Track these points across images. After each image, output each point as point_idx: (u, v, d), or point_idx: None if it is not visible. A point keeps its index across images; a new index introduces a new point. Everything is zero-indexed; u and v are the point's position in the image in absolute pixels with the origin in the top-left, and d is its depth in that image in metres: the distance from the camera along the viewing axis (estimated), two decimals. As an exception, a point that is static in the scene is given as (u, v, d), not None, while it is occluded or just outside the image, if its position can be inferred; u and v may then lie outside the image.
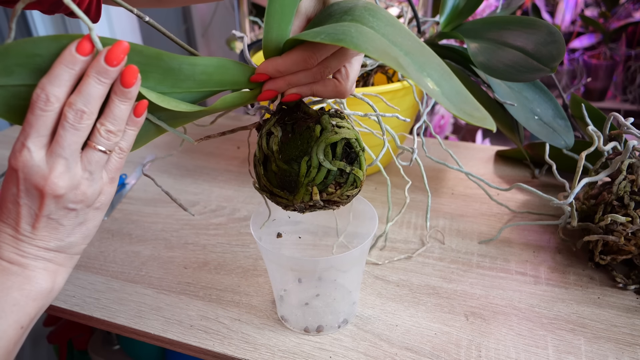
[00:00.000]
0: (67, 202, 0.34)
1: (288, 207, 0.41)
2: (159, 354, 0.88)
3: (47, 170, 0.33)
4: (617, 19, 2.04)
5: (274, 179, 0.39)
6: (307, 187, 0.38)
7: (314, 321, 0.50)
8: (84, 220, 0.37)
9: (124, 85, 0.33)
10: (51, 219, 0.35)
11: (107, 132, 0.34)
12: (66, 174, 0.33)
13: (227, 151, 0.90)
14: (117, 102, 0.33)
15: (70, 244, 0.37)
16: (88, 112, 0.32)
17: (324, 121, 0.38)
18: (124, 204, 0.74)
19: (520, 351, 0.47)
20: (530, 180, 0.77)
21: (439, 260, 0.60)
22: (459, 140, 1.84)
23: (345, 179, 0.39)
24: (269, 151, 0.39)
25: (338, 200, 0.39)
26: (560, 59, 0.56)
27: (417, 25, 0.73)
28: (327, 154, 0.38)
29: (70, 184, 0.34)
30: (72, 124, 0.32)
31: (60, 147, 0.32)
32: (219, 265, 0.60)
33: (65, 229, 0.36)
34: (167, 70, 0.34)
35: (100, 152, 0.34)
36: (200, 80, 0.36)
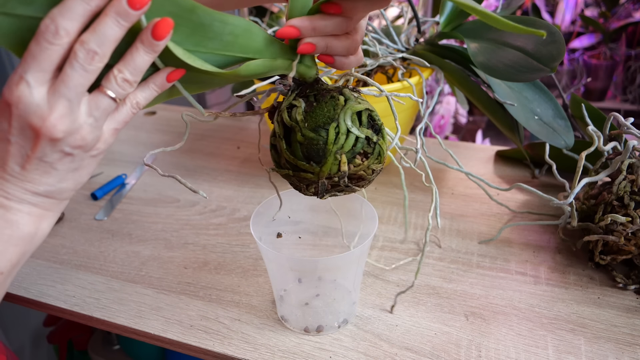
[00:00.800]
0: (64, 146, 0.32)
1: (310, 186, 0.39)
2: (159, 354, 0.88)
3: (47, 110, 0.30)
4: (617, 19, 2.04)
5: (299, 151, 0.37)
6: (335, 156, 0.36)
7: (314, 321, 0.50)
8: (78, 167, 0.34)
9: (154, 37, 0.30)
10: (44, 162, 0.32)
11: (124, 80, 0.32)
12: (68, 116, 0.31)
13: (227, 151, 0.90)
14: (141, 52, 0.31)
15: (60, 190, 0.34)
16: (100, 54, 0.30)
17: (346, 92, 0.38)
18: (124, 204, 0.74)
19: (520, 351, 0.47)
20: (530, 180, 0.77)
21: (439, 260, 0.60)
22: (459, 140, 1.84)
23: (372, 148, 0.38)
24: (292, 122, 0.37)
25: (364, 175, 0.38)
26: (560, 59, 0.56)
27: (417, 25, 0.73)
28: (354, 121, 0.37)
29: (71, 128, 0.31)
30: (82, 64, 0.29)
31: (66, 86, 0.30)
32: (219, 265, 0.60)
33: (58, 174, 0.33)
34: (197, 25, 0.33)
35: (109, 99, 0.32)
36: (226, 41, 0.35)
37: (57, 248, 0.64)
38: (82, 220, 0.70)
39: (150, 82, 0.34)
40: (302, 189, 0.40)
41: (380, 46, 0.71)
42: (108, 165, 0.86)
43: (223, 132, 0.98)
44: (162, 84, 0.34)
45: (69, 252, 0.63)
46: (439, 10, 0.73)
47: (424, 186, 0.75)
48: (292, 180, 0.40)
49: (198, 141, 0.94)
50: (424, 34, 0.76)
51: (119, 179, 0.80)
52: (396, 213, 0.69)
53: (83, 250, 0.63)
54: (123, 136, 0.99)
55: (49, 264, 0.61)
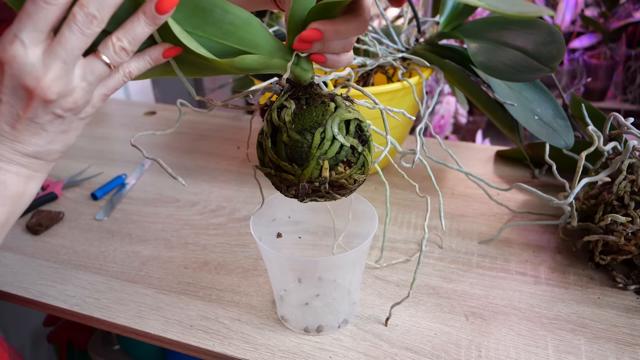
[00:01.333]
0: (56, 108, 0.32)
1: (290, 188, 0.39)
2: (159, 354, 0.88)
3: (42, 70, 0.30)
4: (617, 19, 2.04)
5: (283, 151, 0.38)
6: (318, 160, 0.36)
7: (314, 321, 0.50)
8: (67, 129, 0.34)
9: (158, 10, 0.30)
10: (35, 123, 0.32)
11: (122, 48, 0.32)
12: (62, 79, 0.31)
13: (227, 151, 0.90)
14: (142, 23, 0.31)
15: (49, 151, 0.35)
16: (99, 19, 0.30)
17: (338, 100, 0.38)
18: (124, 204, 0.74)
19: (520, 351, 0.47)
20: (530, 180, 0.77)
21: (439, 260, 0.60)
22: (459, 140, 1.84)
23: (356, 158, 0.38)
24: (280, 122, 0.38)
25: (345, 184, 0.38)
26: (560, 59, 0.56)
27: (417, 25, 0.73)
28: (341, 128, 0.37)
29: (64, 90, 0.31)
30: (80, 27, 0.29)
31: (63, 48, 0.30)
32: (219, 265, 0.60)
33: (47, 135, 0.33)
34: (198, 8, 0.33)
35: (104, 65, 0.32)
36: (225, 30, 0.35)
37: (57, 248, 0.64)
38: (82, 220, 0.70)
39: (146, 54, 0.34)
40: (282, 190, 0.40)
41: (380, 46, 0.71)
42: (108, 165, 0.86)
43: (223, 132, 0.98)
44: (158, 58, 0.34)
45: (69, 252, 0.63)
46: (439, 10, 0.73)
47: (424, 186, 0.75)
48: (273, 180, 0.40)
49: (198, 141, 0.94)
50: (424, 34, 0.76)
51: (119, 179, 0.80)
52: (396, 213, 0.69)
53: (83, 250, 0.63)
54: (123, 136, 0.99)
55: (49, 264, 0.61)
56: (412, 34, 0.77)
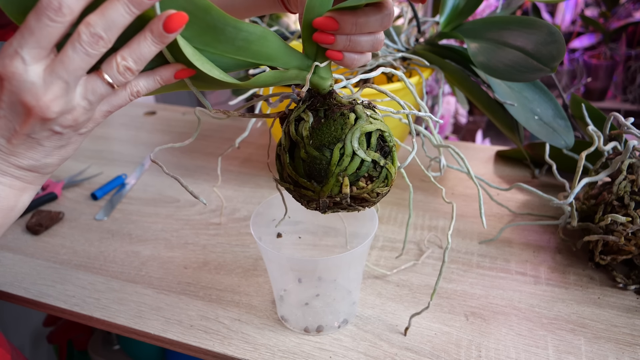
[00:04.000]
0: (54, 126, 0.31)
1: (311, 202, 0.38)
2: (159, 354, 0.88)
3: (42, 89, 0.29)
4: (617, 19, 2.04)
5: (301, 168, 0.36)
6: (337, 178, 0.35)
7: (314, 321, 0.50)
8: (65, 144, 0.34)
9: (165, 29, 0.29)
10: (32, 138, 0.31)
11: (126, 68, 0.30)
12: (62, 98, 0.30)
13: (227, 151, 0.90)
14: (149, 42, 0.30)
15: (45, 165, 0.34)
16: (106, 40, 0.28)
17: (358, 110, 0.36)
18: (124, 204, 0.74)
19: (520, 351, 0.47)
20: (530, 180, 0.77)
21: (439, 260, 0.60)
22: (459, 140, 1.84)
23: (378, 172, 0.36)
24: (297, 137, 0.36)
25: (367, 198, 0.37)
26: (561, 59, 0.56)
27: (417, 25, 0.73)
28: (361, 143, 0.35)
29: (64, 109, 0.30)
30: (85, 48, 0.28)
31: (65, 68, 0.29)
32: (219, 265, 0.60)
33: (44, 150, 0.33)
34: (209, 26, 0.32)
35: (107, 85, 0.31)
36: (238, 46, 0.34)
37: (57, 248, 0.64)
38: (82, 220, 0.70)
39: (157, 74, 0.33)
40: (303, 203, 0.39)
41: (380, 46, 0.71)
42: (108, 165, 0.86)
43: (223, 132, 0.98)
44: (169, 79, 0.33)
45: (69, 252, 0.63)
46: (439, 10, 0.73)
47: (424, 186, 0.75)
48: (293, 194, 0.39)
49: (198, 141, 0.94)
50: (424, 34, 0.76)
51: (119, 179, 0.80)
52: (396, 213, 0.69)
53: (83, 250, 0.63)
54: (123, 136, 0.99)
55: (49, 264, 0.61)
56: (412, 34, 0.77)
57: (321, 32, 0.35)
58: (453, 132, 1.93)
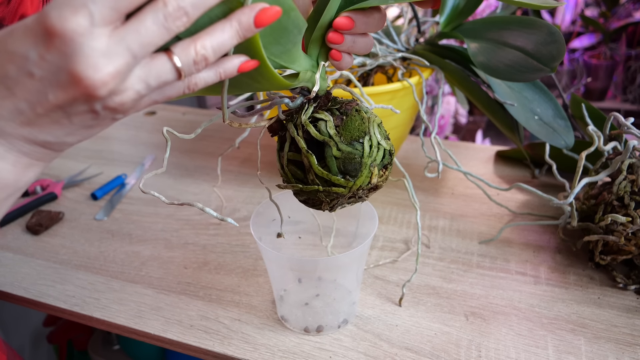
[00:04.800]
0: (96, 104, 0.26)
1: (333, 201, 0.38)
2: (159, 354, 0.88)
3: (103, 60, 0.24)
4: (617, 19, 2.04)
5: (334, 166, 0.37)
6: (370, 169, 0.37)
7: (314, 321, 0.50)
8: (95, 125, 0.28)
9: (256, 23, 0.26)
10: (64, 112, 0.26)
11: (204, 57, 0.27)
12: (122, 74, 0.25)
13: (227, 151, 0.90)
14: (234, 32, 0.27)
15: (62, 143, 0.29)
16: (190, 17, 0.25)
17: (362, 105, 0.39)
18: (124, 204, 0.74)
19: (520, 351, 0.47)
20: (530, 180, 0.77)
21: (439, 260, 0.60)
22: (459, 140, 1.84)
23: (390, 160, 0.39)
24: (324, 137, 0.36)
25: (380, 185, 0.39)
26: (561, 59, 0.56)
27: (417, 25, 0.73)
28: (382, 134, 0.38)
29: (118, 89, 0.25)
30: (166, 19, 0.24)
31: (139, 39, 0.24)
32: (219, 265, 0.60)
33: (69, 127, 0.28)
34: (280, 28, 0.30)
35: (175, 71, 0.27)
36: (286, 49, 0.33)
37: (57, 248, 0.64)
38: (82, 220, 0.70)
39: (220, 66, 0.29)
40: (317, 205, 0.39)
41: (380, 46, 0.71)
42: (108, 165, 0.86)
43: (223, 132, 0.98)
44: (232, 72, 0.29)
45: (69, 252, 0.63)
46: (439, 10, 0.73)
47: (424, 186, 0.75)
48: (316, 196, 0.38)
49: (198, 141, 0.94)
50: (424, 34, 0.76)
51: (119, 179, 0.80)
52: (396, 213, 0.69)
53: (83, 250, 0.63)
54: (123, 136, 0.99)
55: (49, 264, 0.61)
56: (412, 34, 0.77)
57: (336, 32, 0.35)
58: (453, 132, 1.93)
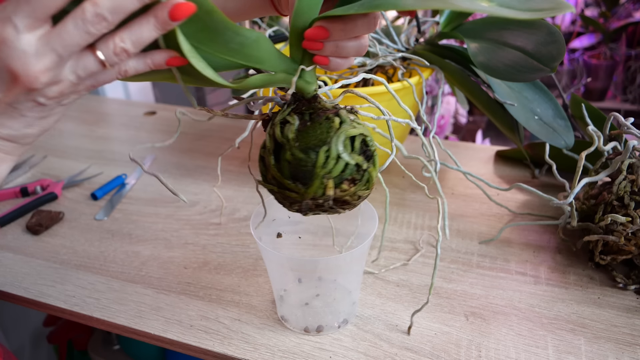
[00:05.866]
0: (39, 97, 0.31)
1: (294, 204, 0.38)
2: (159, 354, 0.88)
3: (33, 59, 0.28)
4: (617, 19, 2.04)
5: (286, 169, 0.37)
6: (322, 180, 0.36)
7: (314, 321, 0.50)
8: (47, 115, 0.33)
9: (171, 17, 0.29)
10: (14, 108, 0.31)
11: (123, 50, 0.30)
12: (52, 70, 0.29)
13: (227, 151, 0.90)
14: (151, 27, 0.29)
15: (24, 135, 0.33)
16: (109, 22, 0.28)
17: (343, 114, 0.37)
18: (124, 204, 0.74)
19: (520, 351, 0.47)
20: (530, 180, 0.77)
21: (439, 260, 0.60)
22: (459, 140, 1.84)
23: (361, 176, 0.37)
24: (283, 139, 0.37)
25: (349, 200, 0.38)
26: (561, 59, 0.56)
27: (417, 25, 0.73)
28: (346, 146, 0.36)
29: (52, 81, 0.30)
30: (87, 26, 0.28)
31: (62, 42, 0.28)
32: (219, 265, 0.60)
33: (25, 120, 0.32)
34: (209, 28, 0.32)
35: (99, 63, 0.30)
36: (231, 48, 0.34)
37: (57, 248, 0.64)
38: (82, 220, 0.70)
39: (148, 57, 0.32)
40: (285, 205, 0.39)
41: (380, 46, 0.71)
42: (108, 165, 0.86)
43: (223, 132, 0.98)
44: (160, 64, 0.32)
45: (69, 252, 0.63)
46: (439, 10, 0.73)
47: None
48: (276, 196, 0.39)
49: (198, 141, 0.94)
50: (424, 34, 0.76)
51: (119, 179, 0.80)
52: (396, 213, 0.69)
53: (83, 250, 0.63)
54: (123, 136, 0.99)
55: (49, 264, 0.61)
56: (412, 34, 0.77)
57: (310, 41, 0.35)
58: (453, 132, 1.93)
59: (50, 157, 0.89)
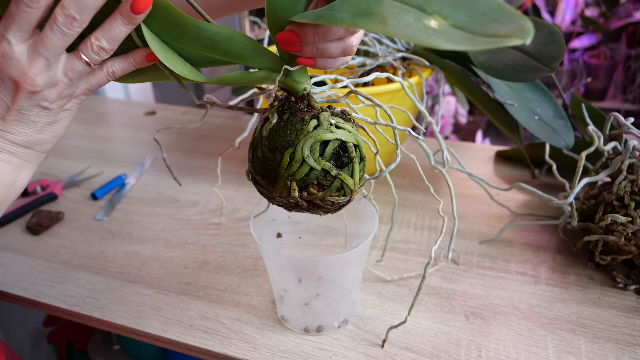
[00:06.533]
0: (42, 100, 0.35)
1: (271, 200, 0.39)
2: (159, 354, 0.88)
3: (26, 65, 0.33)
4: (617, 19, 2.04)
5: (258, 166, 0.37)
6: (286, 181, 0.36)
7: (314, 321, 0.50)
8: (54, 120, 0.37)
9: (133, 11, 0.32)
10: (23, 114, 0.35)
11: (100, 48, 0.34)
12: (45, 73, 0.33)
13: (227, 151, 0.90)
14: (119, 23, 0.33)
15: (39, 141, 0.37)
16: (79, 21, 0.32)
17: (322, 117, 0.36)
18: (124, 204, 0.74)
19: (520, 351, 0.47)
20: (530, 180, 0.77)
21: (439, 260, 0.60)
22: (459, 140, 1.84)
23: (330, 182, 0.36)
24: (258, 136, 0.37)
25: (321, 205, 0.37)
26: (561, 59, 0.56)
27: (417, 25, 0.73)
28: (313, 150, 0.35)
29: (48, 83, 0.34)
30: (61, 28, 0.32)
31: (44, 46, 0.32)
32: (219, 265, 0.60)
33: (35, 126, 0.36)
34: (173, 23, 0.34)
35: (84, 64, 0.34)
36: (205, 44, 0.35)
37: (57, 248, 0.64)
38: (82, 220, 0.70)
39: (130, 57, 0.36)
40: (266, 197, 0.40)
41: (380, 46, 0.71)
42: (108, 165, 0.86)
43: (223, 132, 0.98)
44: (140, 61, 0.36)
45: (69, 252, 0.63)
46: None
47: (424, 186, 0.75)
48: (256, 187, 0.40)
49: (198, 141, 0.94)
50: (424, 34, 0.76)
51: (119, 179, 0.80)
52: (396, 213, 0.69)
53: (83, 250, 0.63)
54: (123, 136, 0.99)
55: (49, 264, 0.61)
56: (412, 34, 0.77)
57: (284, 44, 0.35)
58: (453, 132, 1.93)
59: (50, 157, 0.89)
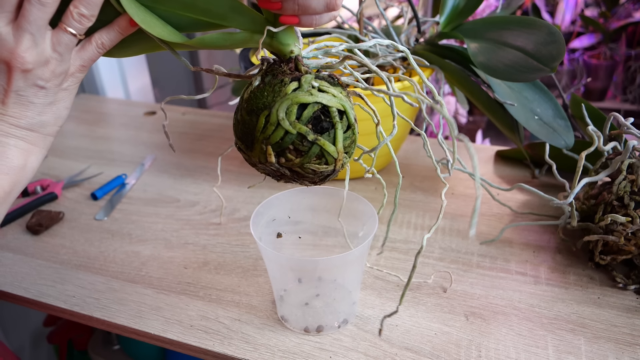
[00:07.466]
0: (36, 79, 0.35)
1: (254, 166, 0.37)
2: (159, 354, 0.88)
3: (13, 43, 0.33)
4: (617, 19, 2.04)
5: (238, 129, 0.36)
6: (262, 145, 0.34)
7: (314, 321, 0.50)
8: (54, 100, 0.37)
9: None
10: (21, 96, 0.35)
11: (80, 15, 0.34)
12: (33, 48, 0.34)
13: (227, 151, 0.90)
14: None
15: (42, 123, 0.37)
16: None
17: (303, 79, 0.34)
18: (124, 204, 0.74)
19: (520, 351, 0.47)
20: (530, 180, 0.77)
21: (439, 260, 0.60)
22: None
23: (308, 148, 0.34)
24: (240, 99, 0.36)
25: (301, 172, 0.35)
26: (560, 59, 0.56)
27: (417, 25, 0.73)
28: (289, 113, 0.33)
29: (38, 60, 0.34)
30: None
31: (26, 21, 0.33)
32: (219, 265, 0.60)
33: (36, 107, 0.36)
34: None
35: (70, 35, 0.35)
36: (184, 3, 0.34)
37: (57, 248, 0.64)
38: (82, 220, 0.70)
39: (115, 25, 0.36)
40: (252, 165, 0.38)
41: (380, 46, 0.71)
42: (108, 165, 0.86)
43: (223, 132, 0.98)
44: (126, 27, 0.36)
45: (69, 252, 0.63)
46: (439, 10, 0.73)
47: (424, 185, 0.75)
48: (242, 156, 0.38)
49: (198, 141, 0.94)
50: (424, 34, 0.76)
51: (119, 179, 0.80)
52: (396, 213, 0.69)
53: (83, 250, 0.63)
54: (123, 136, 0.99)
55: (49, 264, 0.61)
56: (412, 34, 0.77)
57: (264, 2, 0.34)
58: (453, 132, 1.92)
59: (50, 157, 0.89)
